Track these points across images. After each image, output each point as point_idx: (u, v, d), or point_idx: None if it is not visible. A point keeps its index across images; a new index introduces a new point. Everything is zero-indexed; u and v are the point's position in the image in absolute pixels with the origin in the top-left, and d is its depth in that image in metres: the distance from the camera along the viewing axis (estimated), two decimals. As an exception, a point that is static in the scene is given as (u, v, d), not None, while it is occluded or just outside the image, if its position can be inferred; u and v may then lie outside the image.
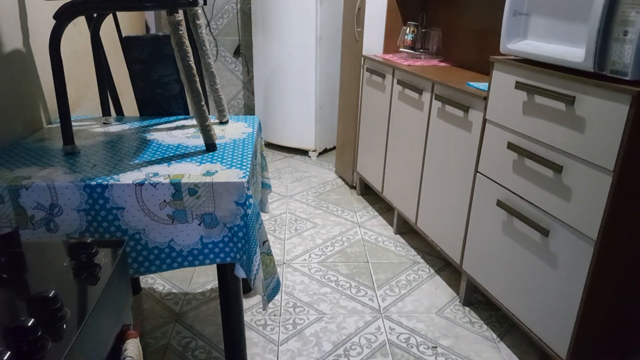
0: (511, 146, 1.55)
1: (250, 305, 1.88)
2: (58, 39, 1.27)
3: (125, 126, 1.61)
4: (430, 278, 2.08)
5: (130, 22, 2.55)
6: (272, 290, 1.37)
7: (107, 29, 1.65)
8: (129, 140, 1.46)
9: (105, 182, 1.15)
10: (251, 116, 1.76)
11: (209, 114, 1.38)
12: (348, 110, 2.90)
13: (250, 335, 1.70)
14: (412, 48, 2.56)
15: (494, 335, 1.74)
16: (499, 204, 1.62)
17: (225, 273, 1.30)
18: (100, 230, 1.18)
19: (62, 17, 1.26)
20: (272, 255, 1.35)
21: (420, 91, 2.09)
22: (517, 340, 1.72)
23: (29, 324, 0.65)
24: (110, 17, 1.76)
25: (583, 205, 1.30)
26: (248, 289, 1.92)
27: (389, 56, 2.55)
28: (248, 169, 1.24)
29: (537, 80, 1.43)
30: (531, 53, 1.47)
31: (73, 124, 1.36)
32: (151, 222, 1.18)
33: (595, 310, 1.34)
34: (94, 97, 1.96)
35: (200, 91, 1.33)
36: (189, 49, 1.29)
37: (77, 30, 1.82)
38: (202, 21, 1.48)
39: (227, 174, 1.21)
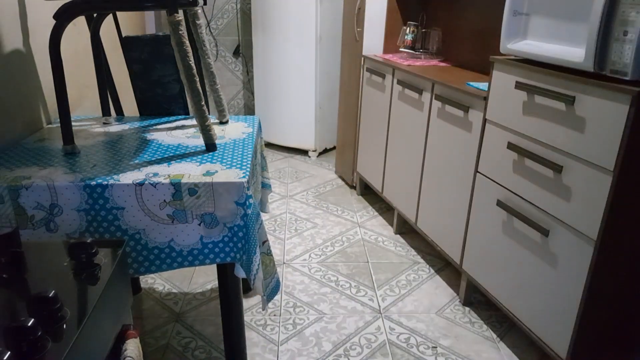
0: (511, 146, 1.55)
1: (250, 305, 1.88)
2: (58, 39, 1.27)
3: (125, 126, 1.61)
4: (430, 278, 2.08)
5: (131, 22, 2.55)
6: (272, 290, 1.37)
7: (107, 29, 1.65)
8: (129, 140, 1.46)
9: (105, 182, 1.15)
10: (251, 116, 1.76)
11: (209, 114, 1.38)
12: (348, 110, 2.90)
13: (250, 335, 1.70)
14: (412, 48, 2.56)
15: (494, 335, 1.74)
16: (499, 204, 1.62)
17: (225, 273, 1.30)
18: (100, 230, 1.18)
19: (62, 17, 1.26)
20: (271, 255, 1.35)
21: (420, 91, 2.09)
22: (517, 340, 1.72)
23: (29, 324, 0.65)
24: (110, 17, 1.76)
25: (583, 205, 1.30)
26: (248, 289, 1.92)
27: (389, 56, 2.55)
28: (248, 169, 1.24)
29: (537, 80, 1.43)
30: (531, 53, 1.47)
31: (73, 124, 1.36)
32: (151, 222, 1.18)
33: (595, 310, 1.34)
34: (94, 97, 1.96)
35: (200, 91, 1.33)
36: (189, 49, 1.29)
37: (77, 30, 1.82)
38: (202, 21, 1.48)
39: (227, 174, 1.21)
